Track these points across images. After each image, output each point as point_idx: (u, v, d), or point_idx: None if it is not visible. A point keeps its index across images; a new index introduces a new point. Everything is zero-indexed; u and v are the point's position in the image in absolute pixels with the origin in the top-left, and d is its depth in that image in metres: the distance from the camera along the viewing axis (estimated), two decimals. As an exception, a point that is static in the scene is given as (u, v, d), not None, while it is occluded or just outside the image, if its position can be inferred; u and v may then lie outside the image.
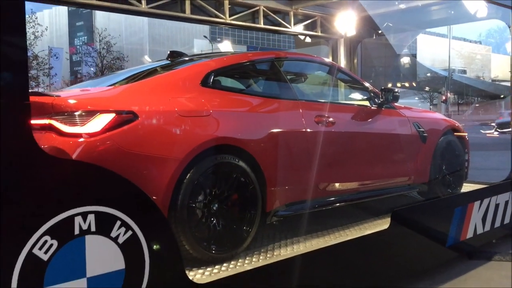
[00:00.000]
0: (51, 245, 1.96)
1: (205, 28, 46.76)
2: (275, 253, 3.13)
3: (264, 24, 5.96)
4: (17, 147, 1.89)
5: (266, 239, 3.39)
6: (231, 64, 3.60)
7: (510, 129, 5.26)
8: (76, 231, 2.03)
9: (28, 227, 1.91)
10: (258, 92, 3.70)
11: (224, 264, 2.89)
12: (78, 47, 52.24)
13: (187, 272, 2.47)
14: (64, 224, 1.99)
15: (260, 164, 3.16)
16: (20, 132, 1.89)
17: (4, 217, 1.86)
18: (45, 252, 1.94)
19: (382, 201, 4.22)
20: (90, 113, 2.61)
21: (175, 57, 3.81)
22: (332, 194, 3.78)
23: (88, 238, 2.07)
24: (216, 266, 2.85)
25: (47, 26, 35.89)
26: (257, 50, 49.12)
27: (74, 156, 2.50)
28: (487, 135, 19.77)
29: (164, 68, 3.56)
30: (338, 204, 3.82)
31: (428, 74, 52.40)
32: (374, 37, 7.25)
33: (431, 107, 50.43)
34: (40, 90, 37.19)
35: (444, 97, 48.71)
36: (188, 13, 5.15)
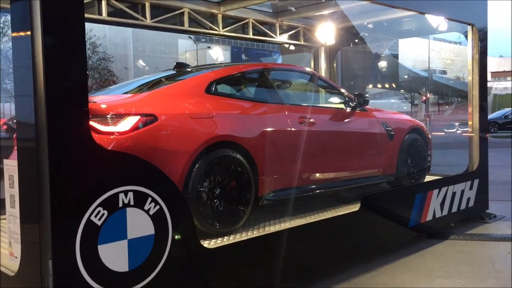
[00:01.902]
0: (103, 214, 2.64)
1: (190, 29, 47.00)
2: (266, 229, 3.85)
3: (253, 34, 6.65)
4: (81, 142, 2.57)
5: (258, 219, 4.10)
6: (228, 74, 4.29)
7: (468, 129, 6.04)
8: (120, 204, 2.72)
9: (88, 199, 2.59)
10: (251, 97, 4.41)
11: (226, 237, 3.60)
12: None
13: (198, 239, 3.17)
14: (112, 199, 2.68)
15: (254, 157, 3.87)
16: (82, 131, 2.57)
17: (71, 194, 2.54)
18: (99, 219, 2.63)
19: (355, 189, 4.95)
20: (121, 116, 3.29)
21: (180, 68, 4.49)
22: (313, 183, 4.50)
23: (129, 210, 2.76)
24: (220, 238, 3.56)
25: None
26: (242, 50, 49.61)
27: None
28: (463, 134, 20.70)
29: (173, 77, 4.26)
30: (318, 191, 4.54)
31: (406, 76, 53.57)
32: (352, 45, 8.01)
33: (405, 107, 51.53)
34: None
35: (424, 98, 49.87)
36: (186, 26, 5.84)
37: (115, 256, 2.70)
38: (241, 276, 3.45)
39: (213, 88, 3.95)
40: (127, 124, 3.27)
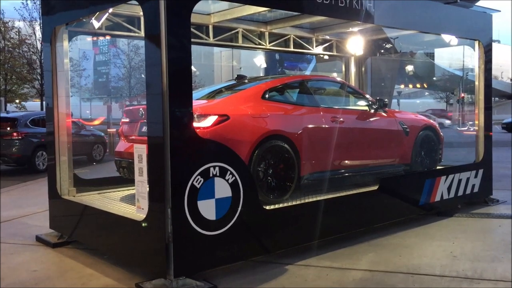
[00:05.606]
0: (201, 181, 4.02)
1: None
2: (306, 200, 5.16)
3: (293, 47, 7.97)
4: (188, 133, 3.96)
5: (300, 193, 5.40)
6: (277, 85, 5.63)
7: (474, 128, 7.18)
8: (211, 175, 4.09)
9: (191, 170, 3.97)
10: (294, 102, 5.72)
11: (277, 204, 4.94)
12: (101, 47, 54.66)
13: (259, 203, 4.53)
14: (206, 170, 4.05)
15: (297, 146, 5.20)
16: (189, 127, 3.96)
17: (182, 167, 3.92)
18: (198, 184, 4.00)
19: (376, 174, 6.19)
20: (205, 116, 4.67)
21: (240, 79, 5.87)
22: (342, 168, 5.79)
23: (216, 179, 4.12)
24: (272, 205, 4.90)
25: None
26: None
27: (197, 139, 4.55)
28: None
29: (236, 86, 5.64)
30: (346, 175, 5.83)
31: (439, 76, 53.56)
32: (379, 55, 9.23)
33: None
34: (74, 91, 39.77)
35: (458, 97, 49.87)
36: (240, 43, 7.22)
37: (207, 208, 4.07)
38: (288, 230, 4.78)
39: (267, 95, 5.30)
40: (209, 121, 4.66)
